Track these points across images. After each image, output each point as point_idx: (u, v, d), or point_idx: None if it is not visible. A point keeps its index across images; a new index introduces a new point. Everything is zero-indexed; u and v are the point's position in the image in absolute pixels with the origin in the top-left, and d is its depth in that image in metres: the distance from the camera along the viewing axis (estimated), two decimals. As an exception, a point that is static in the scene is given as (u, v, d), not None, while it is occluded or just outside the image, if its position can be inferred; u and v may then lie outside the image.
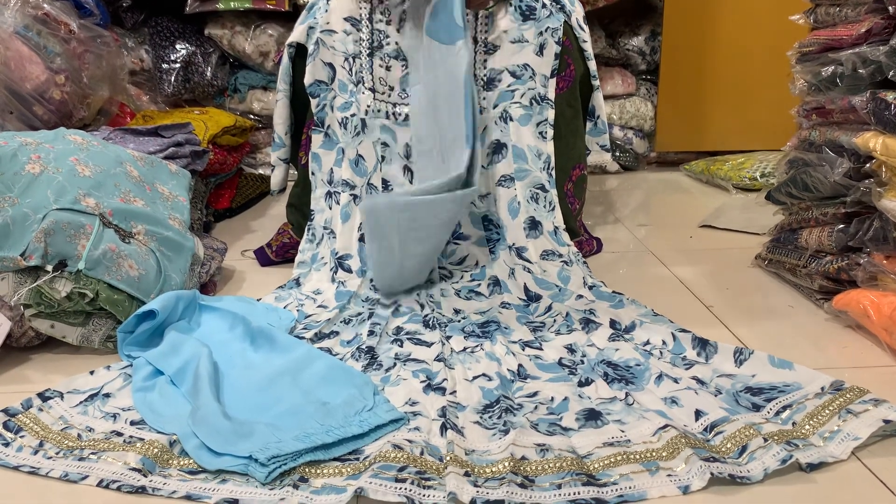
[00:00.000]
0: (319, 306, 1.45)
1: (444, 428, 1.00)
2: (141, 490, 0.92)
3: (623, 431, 1.00)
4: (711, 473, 0.90)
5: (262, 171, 2.39)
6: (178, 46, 2.38)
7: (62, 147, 1.39)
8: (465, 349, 1.25)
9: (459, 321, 1.36)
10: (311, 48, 1.59)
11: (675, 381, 1.12)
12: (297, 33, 1.61)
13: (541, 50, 1.54)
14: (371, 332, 1.31)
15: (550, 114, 1.56)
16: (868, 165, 1.25)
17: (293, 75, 1.64)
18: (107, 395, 1.13)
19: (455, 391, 1.11)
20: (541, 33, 1.54)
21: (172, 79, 2.37)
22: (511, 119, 1.55)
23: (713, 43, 2.45)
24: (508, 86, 1.55)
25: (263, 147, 2.48)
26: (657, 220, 2.05)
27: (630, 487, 0.90)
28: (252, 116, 2.45)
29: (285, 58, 1.63)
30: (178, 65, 2.37)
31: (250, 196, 2.21)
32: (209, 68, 2.40)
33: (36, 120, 1.76)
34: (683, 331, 1.24)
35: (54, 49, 1.80)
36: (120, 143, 1.65)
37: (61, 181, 1.32)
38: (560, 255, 1.53)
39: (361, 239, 1.58)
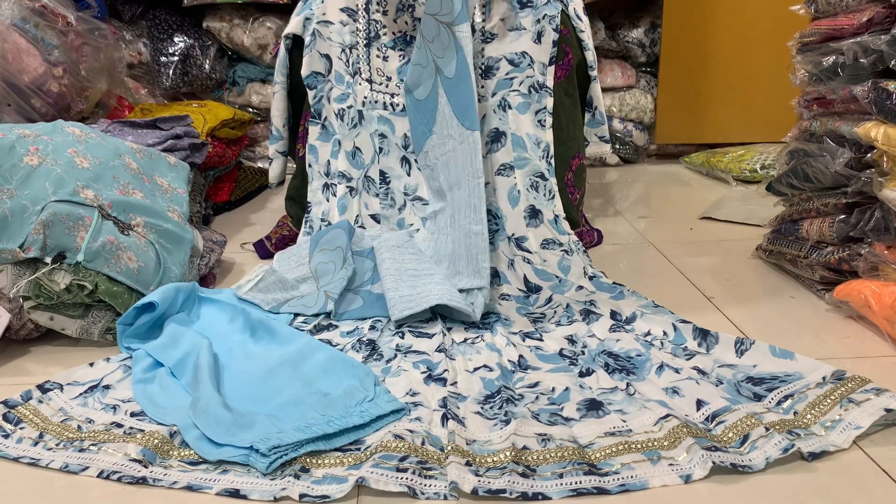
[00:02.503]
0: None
1: (445, 418, 1.00)
2: (142, 481, 0.92)
3: (624, 421, 1.00)
4: (713, 462, 0.90)
5: (261, 165, 2.38)
6: (176, 39, 2.37)
7: (60, 139, 1.39)
8: (465, 340, 1.25)
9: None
10: (307, 39, 1.58)
11: (677, 371, 1.12)
12: (294, 24, 1.60)
13: (538, 37, 1.54)
14: (372, 328, 1.30)
15: (549, 102, 1.55)
16: (869, 155, 1.25)
17: (290, 67, 1.64)
18: (106, 387, 1.13)
19: (456, 382, 1.11)
20: (538, 21, 1.53)
21: (171, 72, 2.36)
22: (510, 107, 1.54)
23: (713, 34, 2.44)
24: (507, 74, 1.54)
25: (262, 140, 2.47)
26: (657, 213, 2.05)
27: (632, 476, 0.89)
28: (251, 109, 2.44)
29: (282, 49, 1.63)
30: (176, 58, 2.36)
31: (249, 189, 2.20)
32: (207, 61, 2.39)
33: (34, 113, 1.75)
34: (684, 321, 1.24)
35: (52, 41, 1.79)
36: (118, 136, 1.64)
37: (60, 173, 1.31)
38: (560, 245, 1.52)
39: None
